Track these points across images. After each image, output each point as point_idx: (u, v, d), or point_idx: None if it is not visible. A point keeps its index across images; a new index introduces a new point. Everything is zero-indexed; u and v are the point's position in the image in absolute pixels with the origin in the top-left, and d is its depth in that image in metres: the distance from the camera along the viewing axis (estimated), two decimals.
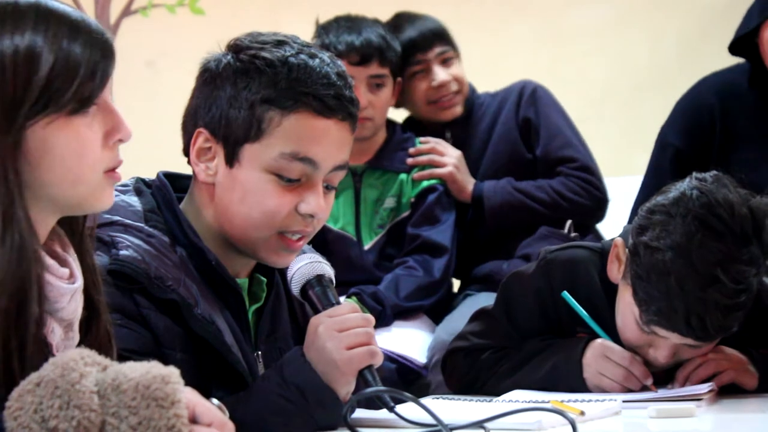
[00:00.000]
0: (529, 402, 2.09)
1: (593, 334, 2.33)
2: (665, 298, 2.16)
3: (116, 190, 1.97)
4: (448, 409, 2.01)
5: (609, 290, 2.33)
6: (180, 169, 2.07)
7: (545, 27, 4.94)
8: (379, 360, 1.84)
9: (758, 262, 2.17)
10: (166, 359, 1.78)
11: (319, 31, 3.46)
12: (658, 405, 2.04)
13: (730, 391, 2.29)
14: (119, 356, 1.48)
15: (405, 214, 3.43)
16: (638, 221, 2.24)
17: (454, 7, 4.45)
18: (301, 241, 1.96)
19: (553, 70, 4.64)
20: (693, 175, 2.24)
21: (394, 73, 3.45)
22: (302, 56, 1.93)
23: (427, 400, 2.13)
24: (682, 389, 2.24)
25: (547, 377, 2.31)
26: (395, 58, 3.44)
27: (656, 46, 4.87)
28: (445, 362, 2.49)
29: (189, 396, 1.25)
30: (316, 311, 1.90)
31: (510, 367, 2.36)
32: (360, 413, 1.88)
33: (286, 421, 1.83)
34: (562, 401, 2.03)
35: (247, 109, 1.91)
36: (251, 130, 1.91)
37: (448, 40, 3.57)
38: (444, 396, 2.33)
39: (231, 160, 1.93)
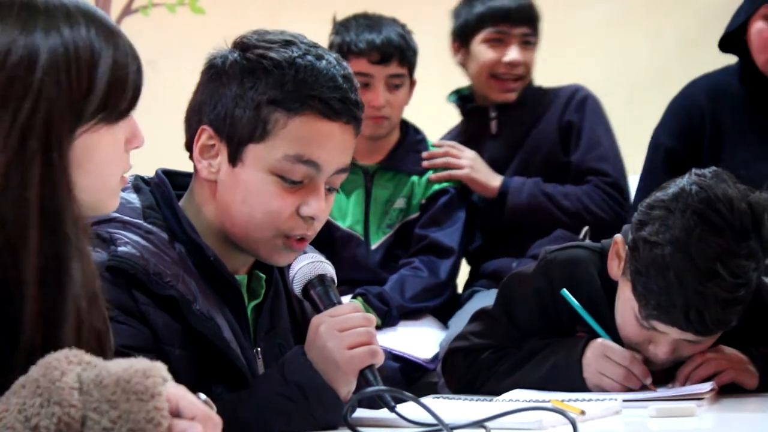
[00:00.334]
0: (530, 401, 2.09)
1: (593, 333, 2.33)
2: (664, 293, 2.16)
3: None
4: (449, 409, 2.01)
5: (609, 290, 2.33)
6: (179, 168, 2.07)
7: (546, 26, 4.93)
8: (380, 359, 1.84)
9: (757, 257, 2.17)
10: (164, 355, 1.78)
11: (338, 28, 3.44)
12: (658, 404, 2.04)
13: (730, 390, 2.29)
14: (118, 353, 1.47)
15: (414, 216, 3.42)
16: (638, 216, 2.24)
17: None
18: (304, 242, 1.96)
19: (553, 70, 4.63)
20: (692, 171, 2.24)
21: (410, 73, 3.44)
22: (309, 57, 1.92)
23: (427, 400, 2.13)
24: (683, 389, 2.24)
25: (547, 377, 2.31)
26: (414, 58, 3.43)
27: (656, 45, 4.87)
28: (445, 362, 2.49)
29: (173, 390, 1.24)
30: (318, 311, 1.90)
31: (510, 367, 2.36)
32: (361, 413, 1.88)
33: (286, 420, 1.83)
34: (563, 400, 2.02)
35: (253, 109, 1.90)
36: (256, 131, 1.90)
37: (536, 26, 3.55)
38: (445, 396, 2.33)
39: (234, 159, 1.92)
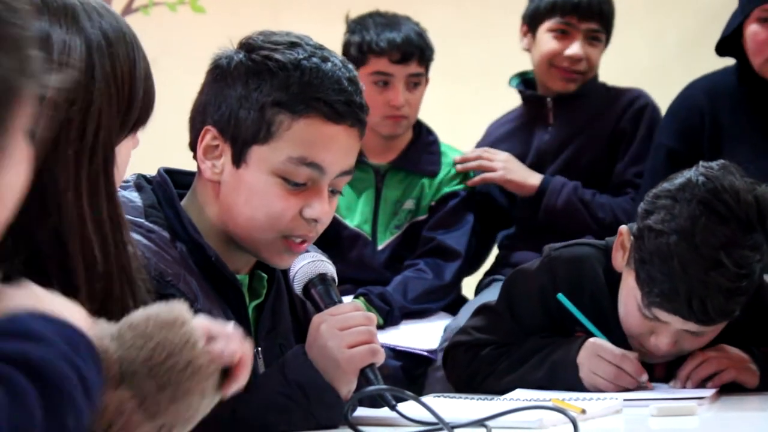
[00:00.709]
0: (531, 401, 2.09)
1: (590, 333, 2.33)
2: (668, 281, 2.16)
3: None
4: (450, 408, 2.01)
5: (613, 287, 2.34)
6: (181, 167, 2.07)
7: None
8: (380, 359, 1.84)
9: (761, 249, 2.17)
10: None
11: (354, 27, 3.41)
12: (659, 403, 2.04)
13: (731, 389, 2.29)
14: None
15: (422, 217, 3.41)
16: (644, 206, 2.25)
17: (456, 6, 4.45)
18: (305, 245, 1.96)
19: None
20: (700, 163, 2.25)
21: (427, 71, 3.42)
22: (315, 59, 1.92)
23: (428, 399, 2.13)
24: (684, 391, 2.24)
25: (546, 376, 2.31)
26: (431, 56, 3.41)
27: (656, 46, 4.87)
28: (446, 356, 2.49)
29: (199, 320, 1.28)
30: (319, 310, 1.90)
31: (510, 365, 2.36)
32: (361, 411, 1.88)
33: (287, 419, 1.83)
34: (564, 399, 2.03)
35: (257, 110, 1.90)
36: (260, 132, 1.90)
37: (608, 25, 3.50)
38: (445, 394, 2.33)
39: (238, 160, 1.92)
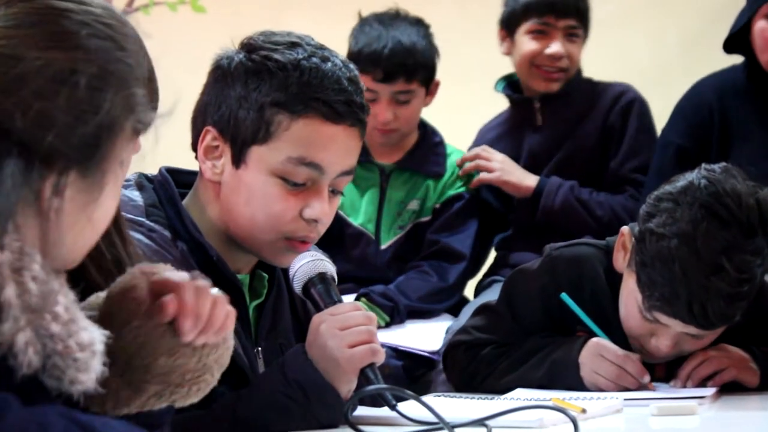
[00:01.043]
0: (531, 400, 2.09)
1: (593, 333, 2.33)
2: (668, 285, 2.16)
3: None
4: (450, 407, 2.01)
5: (614, 287, 2.34)
6: (181, 166, 2.07)
7: None
8: (380, 358, 1.84)
9: (763, 253, 2.17)
10: None
11: (354, 31, 3.38)
12: (659, 402, 2.04)
13: (731, 388, 2.29)
14: None
15: (426, 219, 3.40)
16: (645, 208, 2.24)
17: (458, 4, 4.44)
18: (307, 244, 1.96)
19: None
20: (702, 165, 2.24)
21: (426, 82, 3.37)
22: (314, 60, 1.92)
23: (428, 398, 2.13)
24: (685, 391, 2.24)
25: (546, 376, 2.31)
26: (427, 68, 3.36)
27: (657, 44, 4.87)
28: (446, 355, 2.49)
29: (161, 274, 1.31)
30: (319, 309, 1.90)
31: (510, 364, 2.36)
32: (362, 411, 1.88)
33: (287, 419, 1.83)
34: (564, 399, 2.03)
35: (257, 110, 1.90)
36: (259, 133, 1.90)
37: (584, 19, 3.52)
38: (446, 394, 2.33)
39: (237, 160, 1.92)
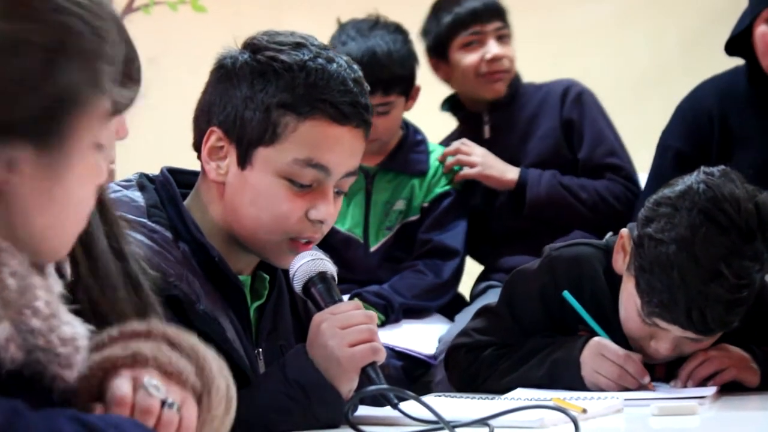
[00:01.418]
0: (532, 400, 2.09)
1: (594, 332, 2.33)
2: (667, 291, 2.16)
3: (119, 185, 1.97)
4: (451, 407, 2.01)
5: (614, 287, 2.33)
6: (182, 166, 2.07)
7: (547, 24, 4.93)
8: (381, 357, 1.84)
9: (762, 258, 2.17)
10: None
11: (333, 40, 3.37)
12: (660, 402, 2.04)
13: (732, 388, 2.29)
14: None
15: (414, 218, 3.39)
16: (644, 213, 2.24)
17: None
18: (310, 245, 1.96)
19: (555, 68, 4.63)
20: (701, 168, 2.24)
21: (405, 91, 3.36)
22: (320, 60, 1.92)
23: (429, 398, 2.13)
24: (685, 391, 2.24)
25: (547, 375, 2.31)
26: (403, 78, 3.34)
27: (658, 43, 4.87)
28: (447, 358, 2.49)
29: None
30: (319, 309, 1.90)
31: (511, 365, 2.36)
32: (363, 410, 1.88)
33: (288, 418, 1.83)
34: (565, 399, 2.03)
35: (263, 112, 1.90)
36: (266, 134, 1.90)
37: (506, 20, 3.55)
38: (447, 394, 2.33)
39: (243, 162, 1.92)
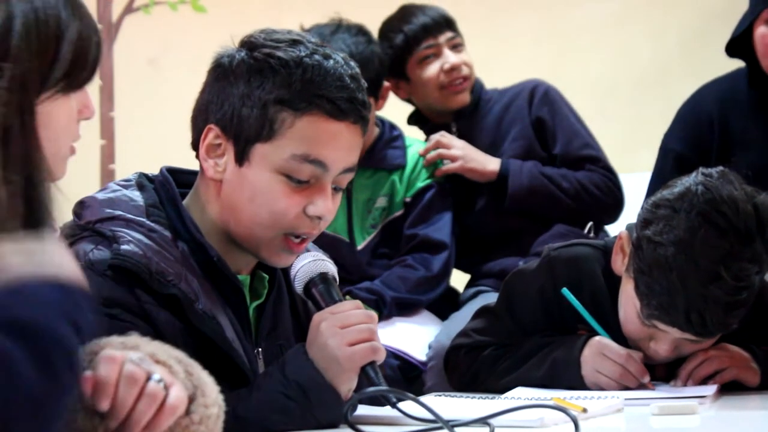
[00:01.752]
0: (532, 399, 2.09)
1: (593, 331, 2.33)
2: (666, 293, 2.16)
3: (118, 185, 1.98)
4: (451, 407, 2.01)
5: (612, 287, 2.33)
6: (182, 165, 2.07)
7: (547, 24, 4.94)
8: (381, 356, 1.84)
9: (761, 260, 2.17)
10: None
11: None
12: (660, 402, 2.04)
13: (732, 388, 2.29)
14: None
15: (398, 213, 3.40)
16: (643, 215, 2.24)
17: (455, 3, 4.45)
18: (304, 244, 1.96)
19: (555, 67, 4.64)
20: (699, 170, 2.24)
21: (373, 90, 3.32)
22: (317, 57, 1.92)
23: (429, 398, 2.13)
24: (686, 390, 2.24)
25: (547, 375, 2.31)
26: (370, 79, 3.35)
27: (658, 43, 4.87)
28: (447, 359, 2.49)
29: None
30: (320, 309, 1.90)
31: (510, 365, 2.36)
32: (362, 410, 1.88)
33: (287, 418, 1.83)
34: (565, 398, 2.03)
35: (260, 108, 1.90)
36: (263, 130, 1.90)
37: (456, 29, 3.57)
38: (446, 393, 2.33)
39: (241, 158, 1.92)
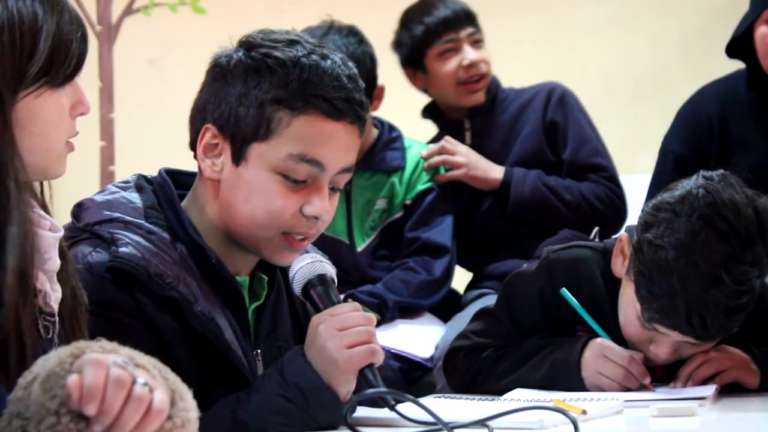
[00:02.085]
0: (531, 401, 2.09)
1: (593, 332, 2.33)
2: (667, 297, 2.16)
3: (117, 186, 1.98)
4: (450, 408, 2.01)
5: (612, 289, 2.33)
6: (181, 167, 2.07)
7: (547, 25, 4.94)
8: (380, 358, 1.83)
9: (761, 264, 2.17)
10: (166, 357, 1.78)
11: None
12: (660, 404, 2.03)
13: (732, 390, 2.29)
14: None
15: (398, 215, 3.40)
16: (643, 218, 2.24)
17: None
18: (305, 242, 1.96)
19: (555, 68, 4.64)
20: (700, 173, 2.24)
21: (367, 91, 3.34)
22: (314, 57, 1.92)
23: (428, 400, 2.13)
24: (685, 391, 2.24)
25: (546, 376, 2.31)
26: (363, 78, 3.32)
27: (658, 44, 4.87)
28: (446, 361, 2.49)
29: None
30: (318, 310, 1.89)
31: (509, 366, 2.36)
32: (361, 411, 1.88)
33: (285, 420, 1.83)
34: (564, 400, 2.03)
35: (257, 108, 1.90)
36: (260, 130, 1.90)
37: (477, 24, 3.57)
38: (446, 395, 2.33)
39: (238, 158, 1.92)
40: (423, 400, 1.84)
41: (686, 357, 2.30)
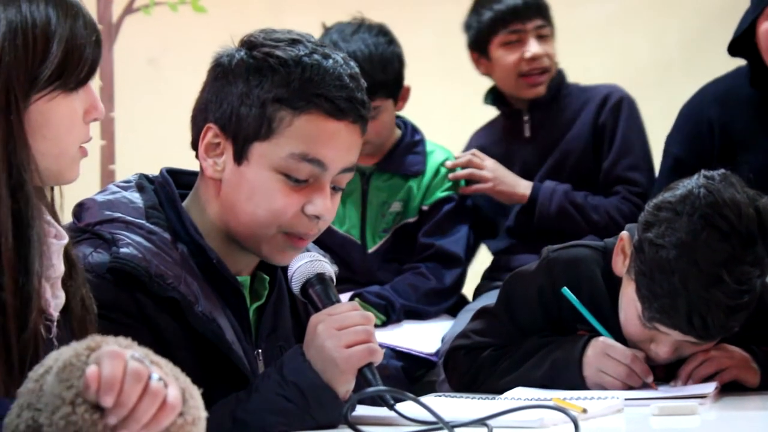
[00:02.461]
0: (532, 400, 2.09)
1: (594, 331, 2.33)
2: (668, 296, 2.16)
3: (118, 186, 1.98)
4: (450, 407, 2.01)
5: (612, 288, 2.33)
6: (182, 166, 2.07)
7: None
8: (378, 358, 1.83)
9: (762, 263, 2.17)
10: (166, 357, 1.78)
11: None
12: (660, 402, 2.04)
13: (732, 388, 2.29)
14: None
15: (412, 219, 3.38)
16: (645, 217, 2.24)
17: (458, 4, 4.45)
18: (305, 240, 1.96)
19: None
20: (701, 172, 2.24)
21: (392, 91, 3.33)
22: (316, 56, 1.92)
23: (428, 398, 2.13)
24: (686, 389, 2.24)
25: (547, 375, 2.31)
26: (389, 80, 3.32)
27: (658, 43, 4.87)
28: (446, 360, 2.49)
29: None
30: (317, 310, 1.90)
31: (510, 365, 2.36)
32: (361, 410, 1.88)
33: (285, 420, 1.83)
34: (565, 399, 2.03)
35: (259, 107, 1.90)
36: (261, 129, 1.90)
37: (548, 17, 3.53)
38: (446, 394, 2.33)
39: (239, 157, 1.92)
40: (423, 399, 1.84)
41: (687, 356, 2.30)
